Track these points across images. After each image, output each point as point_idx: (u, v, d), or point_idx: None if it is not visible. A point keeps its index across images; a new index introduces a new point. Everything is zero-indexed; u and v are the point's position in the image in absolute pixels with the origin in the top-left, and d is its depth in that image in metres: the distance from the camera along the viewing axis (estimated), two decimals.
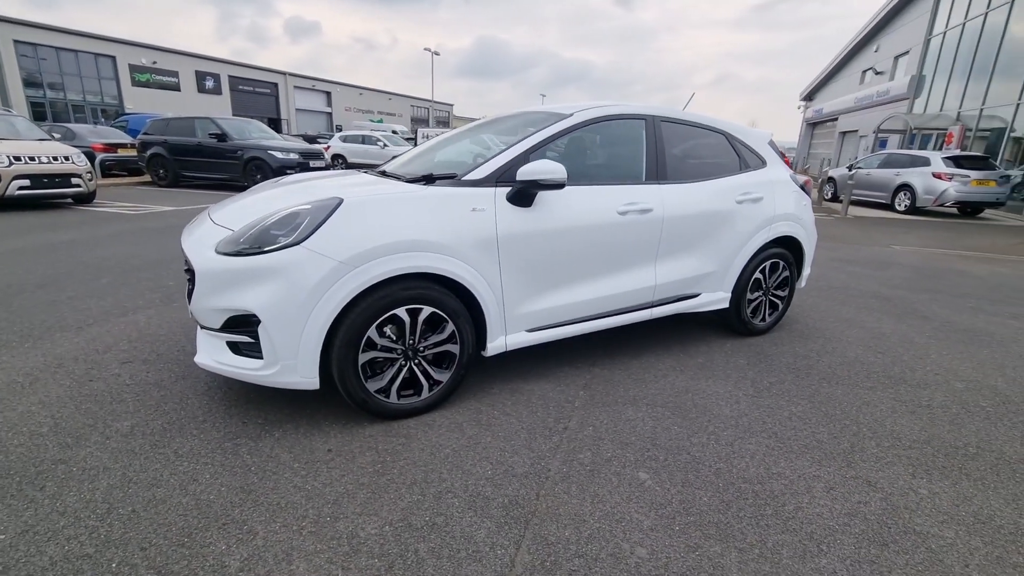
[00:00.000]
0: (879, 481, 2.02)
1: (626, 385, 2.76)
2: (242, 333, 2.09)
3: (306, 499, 1.80)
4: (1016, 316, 4.34)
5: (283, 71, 36.61)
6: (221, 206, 2.66)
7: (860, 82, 22.75)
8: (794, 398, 2.68)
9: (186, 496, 1.78)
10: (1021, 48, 12.23)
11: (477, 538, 1.65)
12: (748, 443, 2.25)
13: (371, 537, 1.64)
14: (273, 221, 2.09)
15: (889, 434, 2.37)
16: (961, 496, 1.95)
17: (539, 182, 2.32)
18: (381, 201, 2.19)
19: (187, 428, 2.19)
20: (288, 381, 2.08)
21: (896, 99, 18.30)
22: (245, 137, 11.53)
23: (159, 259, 4.97)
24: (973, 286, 5.36)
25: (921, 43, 17.13)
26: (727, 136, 3.35)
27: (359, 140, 18.87)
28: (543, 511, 1.78)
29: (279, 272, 1.98)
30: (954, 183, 10.59)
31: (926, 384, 2.92)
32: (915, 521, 1.80)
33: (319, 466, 1.98)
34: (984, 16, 13.82)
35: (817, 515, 1.81)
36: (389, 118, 47.57)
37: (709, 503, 1.85)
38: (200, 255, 2.12)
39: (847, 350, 3.39)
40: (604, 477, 1.98)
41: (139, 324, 3.33)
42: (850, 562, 1.61)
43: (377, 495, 1.83)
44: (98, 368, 2.70)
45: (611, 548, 1.62)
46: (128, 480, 1.85)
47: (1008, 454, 2.24)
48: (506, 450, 2.13)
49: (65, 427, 2.16)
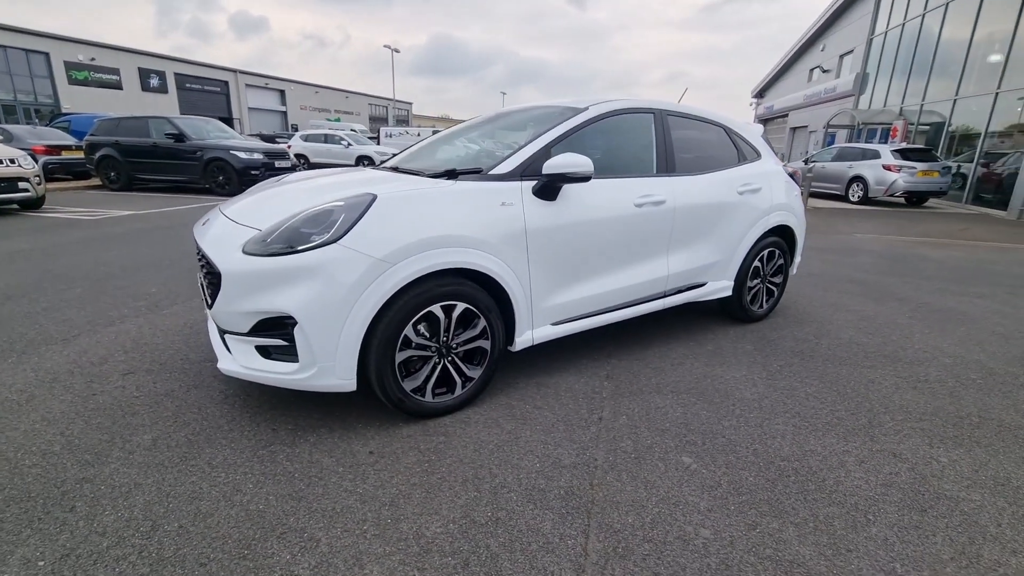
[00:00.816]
0: (903, 452, 2.14)
1: (646, 374, 2.81)
2: (274, 336, 2.01)
3: (361, 502, 1.75)
4: (980, 295, 4.66)
5: (234, 68, 35.20)
6: (234, 204, 2.54)
7: (808, 80, 23.85)
8: (806, 379, 2.80)
9: (233, 507, 1.71)
10: (956, 48, 13.12)
11: (544, 530, 1.65)
12: (775, 423, 2.33)
13: (438, 536, 1.61)
14: (304, 219, 2.02)
15: (899, 408, 2.51)
16: (977, 462, 2.09)
17: (566, 175, 2.33)
18: (415, 197, 2.14)
19: (214, 438, 2.09)
20: (325, 384, 2.02)
21: (843, 95, 19.28)
22: (204, 137, 11.03)
23: (133, 265, 4.70)
24: (935, 269, 5.73)
25: (864, 43, 18.11)
26: (726, 129, 3.45)
27: (321, 139, 18.36)
28: (601, 500, 1.80)
29: (315, 271, 1.92)
30: (902, 174, 11.27)
31: (919, 361, 3.10)
32: (944, 487, 1.92)
33: (364, 468, 1.93)
34: (921, 18, 14.75)
35: (856, 487, 1.90)
36: (347, 117, 46.51)
37: (755, 482, 1.91)
38: (226, 256, 2.02)
39: (840, 332, 3.56)
40: (650, 463, 2.01)
41: (130, 333, 3.15)
42: (897, 528, 1.70)
43: (432, 494, 1.80)
44: (99, 381, 2.54)
45: (676, 531, 1.66)
46: (165, 495, 1.75)
47: (1007, 422, 2.41)
48: (548, 443, 2.14)
49: (80, 444, 2.02)
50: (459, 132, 3.47)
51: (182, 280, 4.29)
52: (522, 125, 3.04)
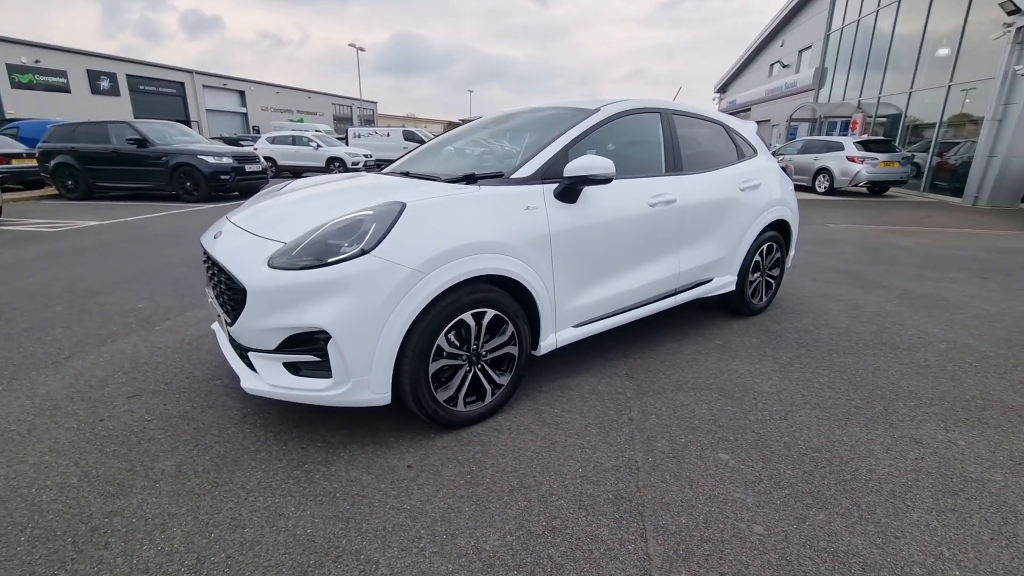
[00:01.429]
0: (922, 438, 2.22)
1: (664, 372, 2.84)
2: (305, 352, 1.94)
3: (411, 519, 1.71)
4: (955, 280, 4.89)
5: (189, 69, 33.88)
6: (243, 213, 2.45)
7: (769, 75, 24.58)
8: (816, 370, 2.88)
9: (279, 533, 1.64)
10: (909, 43, 13.74)
11: (602, 536, 1.64)
12: (799, 415, 2.39)
13: (497, 549, 1.59)
14: (333, 230, 1.95)
15: (909, 394, 2.61)
16: (991, 443, 2.19)
17: (588, 177, 2.32)
18: (443, 204, 2.10)
19: (242, 461, 2.01)
20: (360, 399, 1.96)
21: (803, 90, 19.94)
22: (169, 142, 10.58)
23: (112, 280, 4.48)
24: (909, 257, 5.98)
25: (822, 38, 18.78)
26: (725, 127, 3.52)
27: (289, 141, 17.86)
28: (651, 502, 1.80)
29: (349, 283, 1.86)
30: (866, 165, 11.73)
31: (915, 347, 3.24)
32: (968, 470, 2.00)
33: (407, 484, 1.89)
34: (876, 14, 15.39)
35: (889, 475, 1.96)
36: (310, 117, 45.46)
37: (794, 475, 1.96)
38: (250, 271, 1.94)
39: (837, 322, 3.68)
40: (689, 462, 2.03)
41: (126, 353, 2.99)
42: (936, 513, 1.76)
43: (482, 506, 1.77)
44: (103, 406, 2.40)
45: (730, 529, 1.68)
46: (204, 524, 1.67)
47: (1009, 402, 2.54)
48: (585, 447, 2.13)
49: (98, 475, 1.91)
50: (464, 134, 3.42)
51: (169, 294, 4.11)
52: (531, 127, 3.03)
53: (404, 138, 23.83)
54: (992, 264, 5.64)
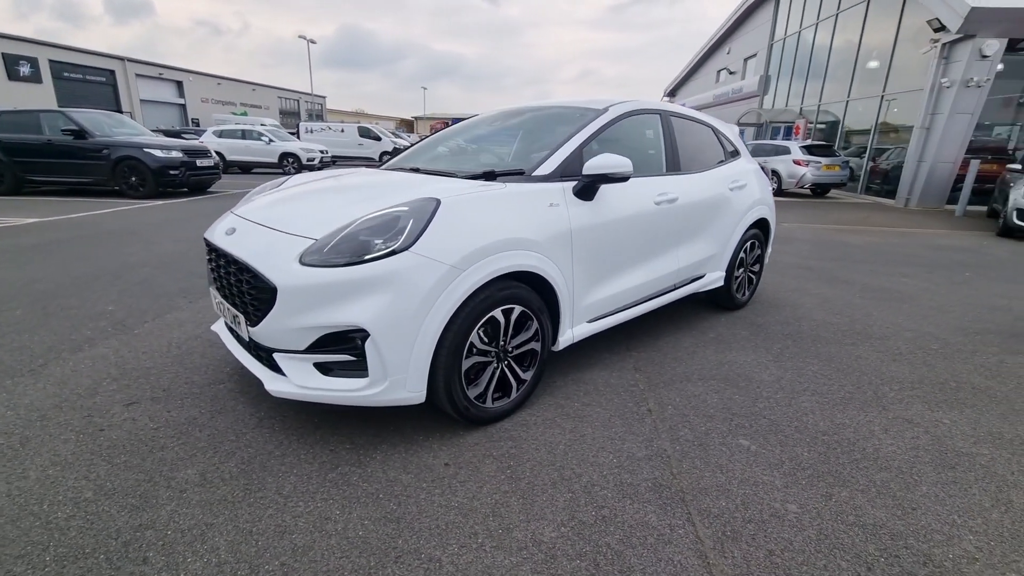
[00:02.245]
0: (913, 418, 2.42)
1: (669, 364, 2.94)
2: (340, 351, 1.89)
3: (462, 516, 1.71)
4: (904, 275, 5.32)
5: (121, 56, 31.63)
6: (254, 207, 2.35)
7: (716, 80, 25.67)
8: (807, 359, 3.07)
9: (330, 537, 1.60)
10: (846, 55, 14.73)
11: (651, 522, 1.70)
12: (801, 402, 2.54)
13: (556, 540, 1.61)
14: (366, 226, 1.91)
15: (892, 379, 2.83)
16: (971, 421, 2.41)
17: (608, 176, 2.38)
18: (475, 200, 2.10)
19: (270, 466, 1.93)
20: (395, 398, 1.93)
21: (749, 96, 20.97)
22: (109, 133, 9.87)
23: (69, 281, 4.15)
24: (860, 253, 6.44)
25: (766, 47, 19.82)
26: (713, 129, 3.67)
27: (238, 135, 17.01)
28: (688, 487, 1.88)
29: (388, 280, 1.82)
30: (810, 168, 12.48)
31: (886, 336, 3.50)
32: (957, 445, 2.20)
33: (448, 482, 1.88)
34: (815, 26, 16.39)
35: (893, 452, 2.13)
36: (254, 111, 43.55)
37: (811, 457, 2.09)
38: (280, 269, 1.86)
39: (812, 314, 3.93)
40: (715, 449, 2.13)
41: (108, 358, 2.80)
42: (940, 485, 1.93)
43: (529, 500, 1.79)
44: (99, 415, 2.24)
45: (767, 509, 1.78)
46: (247, 532, 1.60)
47: (976, 384, 2.80)
48: (613, 438, 2.19)
49: (115, 488, 1.79)
50: (463, 131, 3.41)
51: (139, 295, 3.86)
52: (539, 126, 3.06)
53: (359, 134, 23.33)
54: (932, 260, 6.16)
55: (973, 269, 5.71)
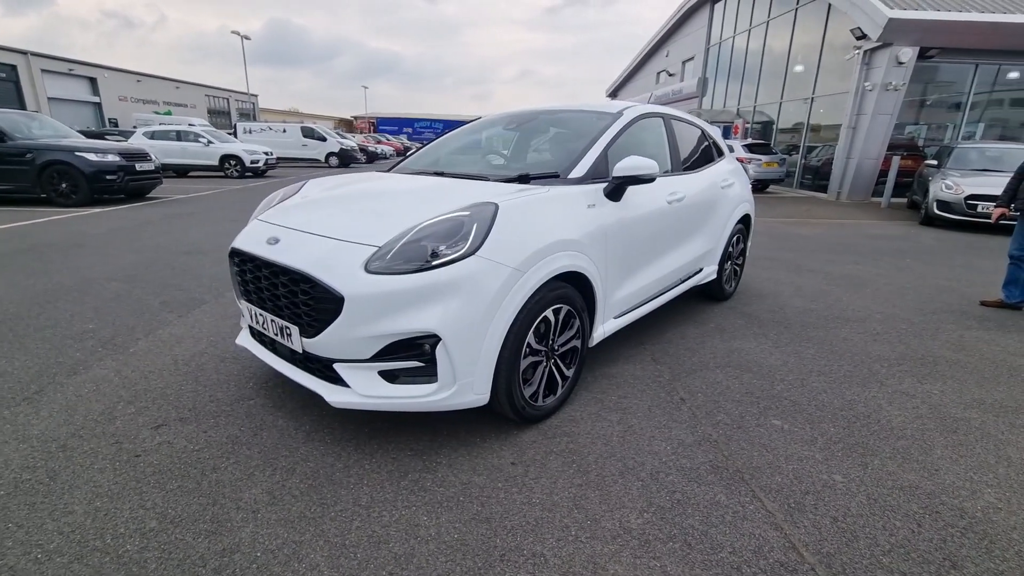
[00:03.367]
0: (908, 390, 2.69)
1: (684, 355, 3.10)
2: (408, 358, 1.88)
3: (547, 511, 1.75)
4: (856, 262, 5.82)
5: (24, 50, 28.75)
6: (285, 216, 2.27)
7: (656, 82, 26.72)
8: (802, 343, 3.32)
9: (428, 543, 1.60)
10: (778, 59, 15.79)
11: (723, 502, 1.82)
12: (812, 382, 2.77)
13: (644, 526, 1.69)
14: (430, 231, 1.91)
15: (879, 358, 3.12)
16: (954, 390, 2.71)
17: (637, 177, 2.48)
18: (529, 204, 2.14)
19: (338, 479, 1.90)
20: (462, 401, 1.95)
21: (688, 97, 21.99)
22: (31, 135, 9.03)
23: (29, 299, 3.80)
24: (812, 244, 6.96)
25: (703, 51, 20.86)
26: (702, 130, 3.88)
27: (172, 136, 15.92)
28: (744, 467, 2.02)
29: (457, 285, 1.84)
30: (752, 165, 13.29)
31: (861, 319, 3.85)
32: (952, 412, 2.48)
33: (521, 480, 1.92)
34: (748, 32, 17.45)
35: (902, 422, 2.37)
36: (179, 110, 40.91)
37: (837, 432, 2.29)
38: (345, 278, 1.83)
39: (792, 302, 4.24)
40: (752, 430, 2.29)
41: (111, 380, 2.61)
42: (950, 447, 2.18)
43: (605, 491, 1.86)
44: (128, 440, 2.10)
45: (819, 481, 1.94)
46: (341, 546, 1.58)
47: (949, 358, 3.14)
48: (660, 427, 2.30)
49: (179, 514, 1.70)
50: (474, 133, 3.42)
51: (118, 312, 3.59)
52: (558, 129, 3.12)
53: (303, 135, 22.47)
54: (875, 248, 6.76)
55: (911, 256, 6.32)
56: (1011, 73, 11.92)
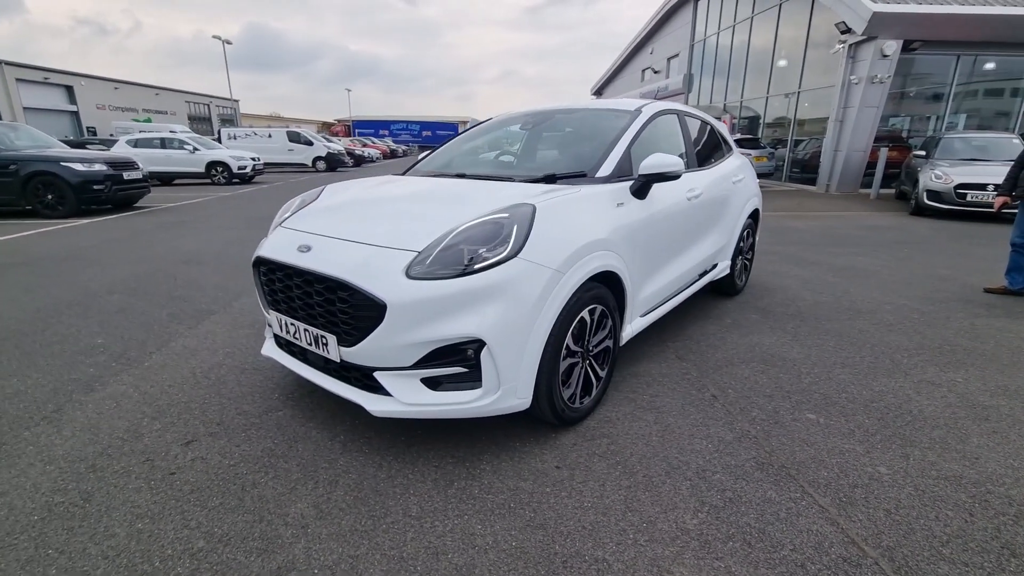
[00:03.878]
0: (933, 380, 2.72)
1: (706, 351, 3.10)
2: (451, 363, 1.85)
3: (601, 515, 1.73)
4: (856, 254, 5.88)
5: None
6: (311, 221, 2.23)
7: (642, 79, 26.86)
8: (821, 336, 3.34)
9: (487, 552, 1.57)
10: (763, 54, 15.95)
11: (774, 498, 1.81)
12: (837, 375, 2.78)
13: (701, 526, 1.68)
14: (468, 235, 1.88)
15: (899, 348, 3.15)
16: (978, 377, 2.74)
17: (663, 174, 2.47)
18: (565, 204, 2.12)
19: (383, 490, 1.86)
20: (506, 406, 1.92)
21: (674, 93, 22.12)
22: (14, 146, 8.80)
23: (30, 316, 3.69)
24: (810, 236, 7.03)
25: (688, 48, 21.01)
26: (712, 126, 3.89)
27: (157, 144, 15.61)
28: (788, 462, 2.01)
29: (500, 288, 1.81)
30: None
31: (873, 310, 3.88)
32: (979, 399, 2.51)
33: (568, 484, 1.89)
34: (732, 28, 17.61)
35: (934, 412, 2.39)
36: (159, 117, 40.26)
37: (873, 424, 2.30)
38: (386, 284, 1.79)
39: (802, 295, 4.27)
40: (788, 425, 2.29)
41: (131, 396, 2.54)
42: (985, 435, 2.20)
43: (655, 492, 1.85)
44: (159, 457, 2.04)
45: (864, 473, 1.94)
46: (399, 559, 1.54)
47: (965, 346, 3.18)
48: (696, 424, 2.29)
49: (226, 532, 1.65)
50: (488, 133, 3.38)
51: (126, 325, 3.51)
52: (576, 128, 3.10)
53: (288, 139, 22.21)
54: (872, 239, 6.85)
55: (908, 246, 6.41)
56: (988, 64, 12.17)
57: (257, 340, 3.23)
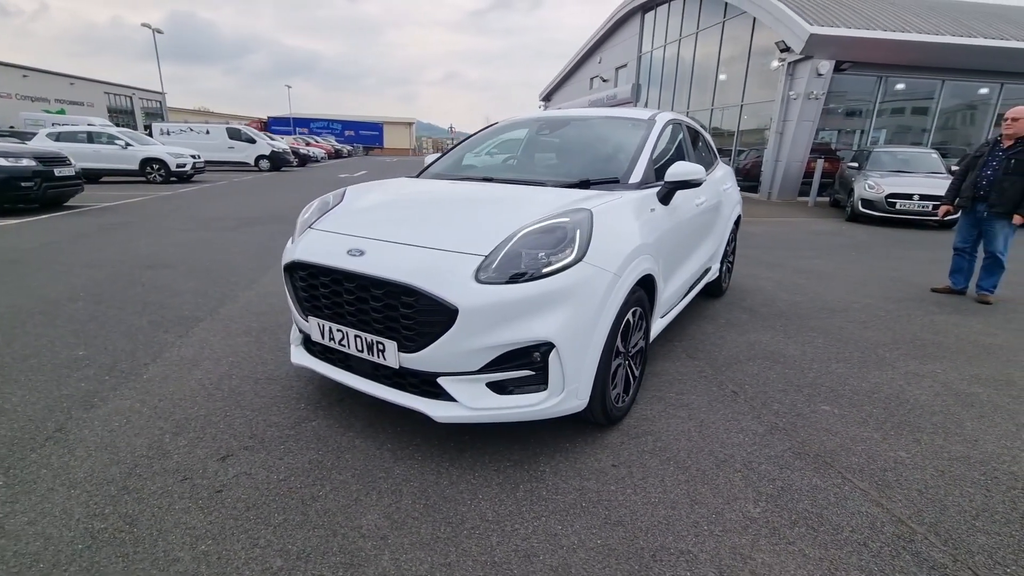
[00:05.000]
0: (917, 371, 3.00)
1: (713, 350, 3.26)
2: (520, 367, 1.86)
3: (671, 509, 1.80)
4: (812, 257, 6.34)
5: None
6: (363, 226, 2.17)
7: (590, 87, 27.59)
8: (808, 333, 3.60)
9: (575, 551, 1.60)
10: (707, 68, 16.83)
11: (820, 485, 1.95)
12: (835, 368, 3.01)
13: (765, 514, 1.78)
14: (534, 239, 1.89)
15: (878, 343, 3.44)
16: (953, 368, 3.05)
17: (688, 182, 2.60)
18: (614, 209, 2.18)
19: (451, 496, 1.84)
20: (568, 407, 1.95)
21: (622, 102, 22.88)
22: None
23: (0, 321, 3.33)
24: (767, 241, 7.50)
25: (635, 59, 21.81)
26: (701, 135, 4.09)
27: (83, 138, 14.33)
28: (822, 451, 2.17)
29: (568, 292, 1.84)
30: None
31: (845, 309, 4.22)
32: (960, 388, 2.79)
33: (630, 481, 1.95)
34: (679, 42, 18.48)
35: (927, 400, 2.64)
36: (74, 108, 37.11)
37: (880, 413, 2.51)
38: (458, 289, 1.77)
39: (779, 295, 4.56)
40: (809, 418, 2.46)
41: (141, 412, 2.36)
42: (976, 419, 2.46)
43: (711, 485, 1.94)
44: (198, 476, 1.92)
45: (889, 459, 2.13)
46: (491, 564, 1.54)
47: (930, 339, 3.53)
48: (728, 419, 2.42)
49: (301, 550, 1.58)
50: (501, 137, 3.39)
51: (103, 334, 3.24)
52: (595, 135, 3.17)
53: (229, 136, 21.07)
54: (821, 244, 7.41)
55: (854, 250, 6.98)
56: (899, 85, 13.45)
57: (259, 348, 3.07)
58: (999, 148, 4.30)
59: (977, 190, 4.41)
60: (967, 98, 13.70)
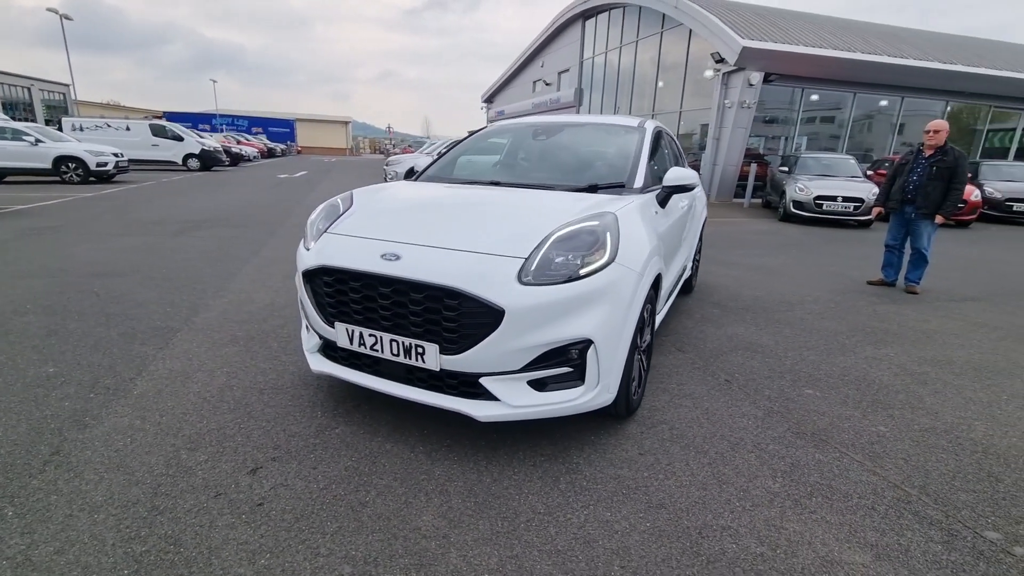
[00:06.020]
0: (874, 356, 3.36)
1: (698, 343, 3.49)
2: (560, 364, 1.94)
3: (702, 490, 1.94)
4: (760, 255, 6.85)
5: None
6: (389, 230, 2.16)
7: (533, 90, 28.01)
8: (776, 325, 3.92)
9: (630, 535, 1.70)
10: (647, 76, 17.62)
11: (823, 460, 2.16)
12: (808, 356, 3.31)
13: (783, 489, 1.96)
14: (566, 241, 1.98)
15: (838, 332, 3.81)
16: (904, 352, 3.44)
17: (684, 186, 2.78)
18: (632, 212, 2.30)
19: (498, 492, 1.89)
20: (600, 401, 2.06)
21: (565, 106, 23.44)
22: None
23: None
24: (715, 241, 7.98)
25: (577, 64, 22.40)
26: (672, 140, 4.34)
27: None
28: (815, 430, 2.40)
29: (604, 291, 1.94)
30: None
31: (801, 302, 4.61)
32: (914, 368, 3.16)
33: (659, 467, 2.08)
34: (619, 49, 19.19)
35: (890, 381, 2.97)
36: None
37: (858, 394, 2.80)
38: (502, 291, 1.82)
39: (741, 292, 4.91)
40: (797, 400, 2.70)
41: (141, 428, 2.23)
42: (931, 395, 2.80)
43: (732, 465, 2.10)
44: (232, 491, 1.85)
45: (873, 433, 2.39)
46: (555, 552, 1.61)
47: (877, 327, 3.95)
48: (728, 405, 2.61)
49: (364, 556, 1.58)
50: (496, 141, 3.45)
51: (70, 350, 2.99)
52: (589, 141, 3.30)
53: (153, 133, 19.58)
54: (763, 242, 7.99)
55: (794, 248, 7.59)
56: (813, 96, 14.70)
57: (252, 358, 2.96)
58: (922, 156, 4.86)
59: (905, 194, 4.96)
60: (874, 109, 15.18)
